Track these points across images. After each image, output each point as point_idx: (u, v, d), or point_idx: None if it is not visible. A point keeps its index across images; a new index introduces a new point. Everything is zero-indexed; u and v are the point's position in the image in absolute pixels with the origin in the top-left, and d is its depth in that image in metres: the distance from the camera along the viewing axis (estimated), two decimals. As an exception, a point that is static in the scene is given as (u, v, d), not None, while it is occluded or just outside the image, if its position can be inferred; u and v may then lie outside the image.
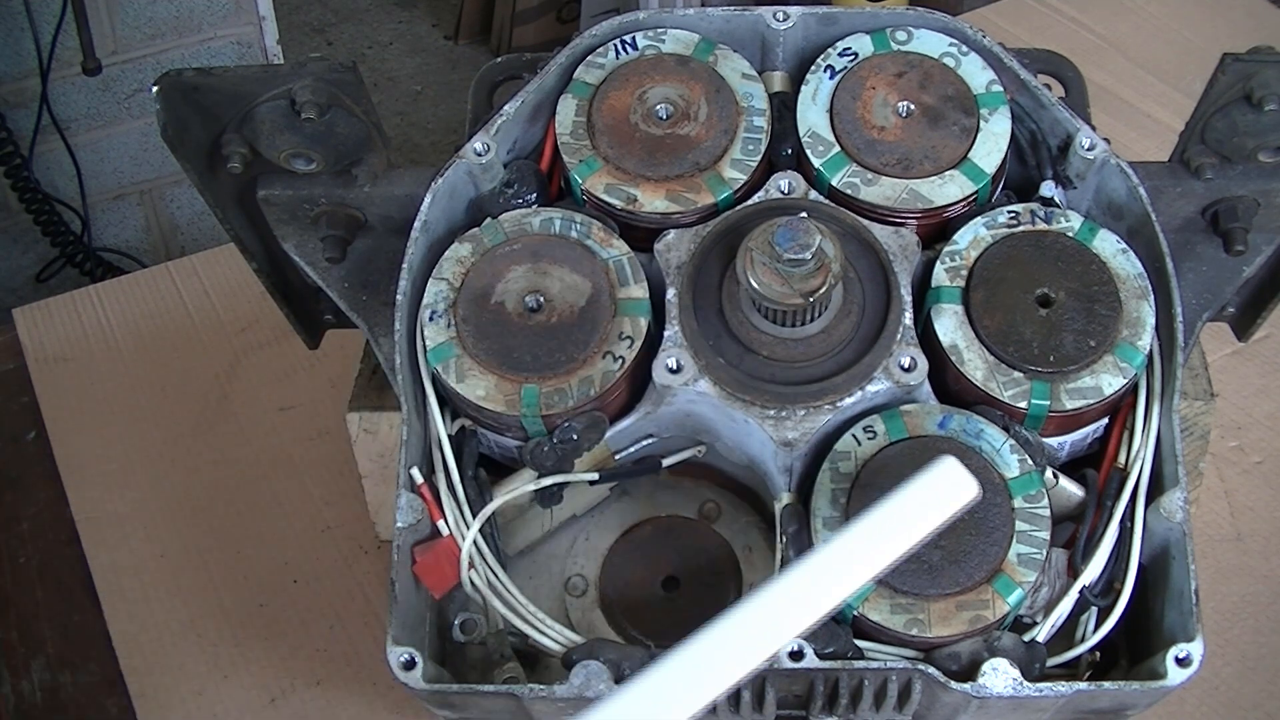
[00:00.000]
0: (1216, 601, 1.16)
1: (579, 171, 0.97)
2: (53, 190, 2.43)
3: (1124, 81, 1.71)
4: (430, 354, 0.93)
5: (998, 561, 0.86)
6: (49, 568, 1.25)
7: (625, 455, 0.98)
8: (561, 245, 0.95)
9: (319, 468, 1.29)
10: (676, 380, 0.92)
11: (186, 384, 1.39)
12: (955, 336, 0.92)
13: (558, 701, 0.85)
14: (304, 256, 1.03)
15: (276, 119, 0.97)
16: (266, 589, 1.20)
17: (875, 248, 0.95)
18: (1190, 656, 0.84)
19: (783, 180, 0.98)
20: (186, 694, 1.14)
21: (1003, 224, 0.95)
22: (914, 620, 0.85)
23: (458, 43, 3.43)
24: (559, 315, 0.93)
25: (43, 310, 1.47)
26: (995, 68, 1.00)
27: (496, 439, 0.96)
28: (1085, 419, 0.94)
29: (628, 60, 1.01)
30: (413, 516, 0.90)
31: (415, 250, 0.95)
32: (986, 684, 0.83)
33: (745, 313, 0.92)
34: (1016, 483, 0.88)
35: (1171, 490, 0.89)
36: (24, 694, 1.16)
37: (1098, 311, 0.92)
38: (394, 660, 0.86)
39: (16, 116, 2.31)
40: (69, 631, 1.20)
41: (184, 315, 1.46)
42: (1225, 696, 1.11)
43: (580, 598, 1.01)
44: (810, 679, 0.85)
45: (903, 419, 0.91)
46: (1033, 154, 1.01)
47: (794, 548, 0.89)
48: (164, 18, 2.38)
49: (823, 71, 1.00)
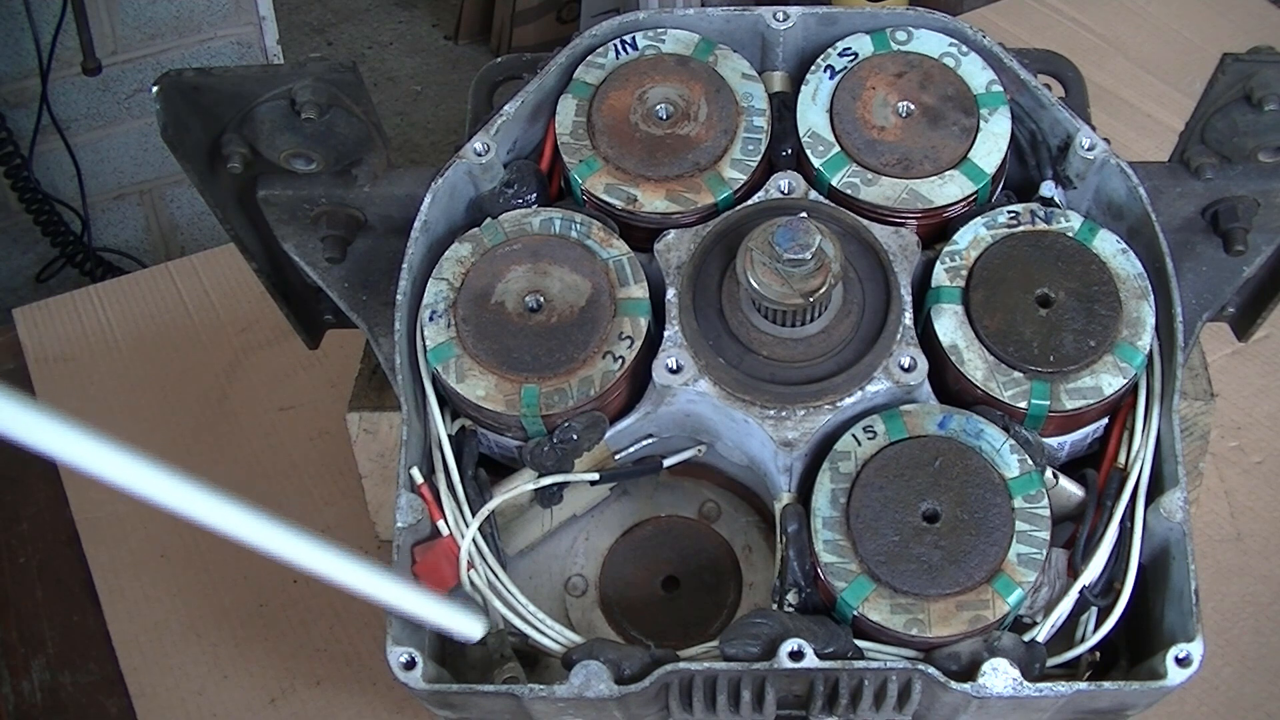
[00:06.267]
0: (1216, 601, 1.16)
1: (579, 171, 0.97)
2: (53, 190, 2.43)
3: (1124, 81, 1.71)
4: (430, 354, 0.93)
5: (998, 561, 0.86)
6: (49, 568, 1.25)
7: (625, 455, 0.98)
8: (561, 245, 0.95)
9: (319, 468, 1.29)
10: (676, 380, 0.92)
11: (186, 384, 1.39)
12: (955, 336, 0.92)
13: (558, 701, 0.85)
14: (304, 256, 1.03)
15: (276, 119, 0.97)
16: (266, 589, 1.20)
17: (875, 248, 0.95)
18: (1190, 656, 0.84)
19: (783, 180, 0.98)
20: (186, 694, 1.14)
21: (1003, 224, 0.95)
22: (914, 620, 0.85)
23: (458, 43, 3.43)
24: (559, 315, 0.93)
25: (43, 310, 1.47)
26: (995, 68, 1.00)
27: (496, 439, 0.96)
28: (1085, 419, 0.94)
29: (628, 60, 1.01)
30: (413, 516, 0.90)
31: (415, 250, 0.95)
32: (986, 684, 0.83)
33: (745, 313, 0.92)
34: (1016, 483, 0.88)
35: (1171, 490, 0.89)
36: (24, 694, 1.16)
37: (1098, 311, 0.92)
38: (394, 660, 0.86)
39: (16, 116, 2.31)
40: (69, 631, 1.20)
41: (184, 315, 1.46)
42: (1225, 696, 1.11)
43: (580, 598, 1.01)
44: (810, 679, 0.85)
45: (903, 419, 0.91)
46: (1033, 154, 1.01)
47: (794, 547, 0.89)
48: (164, 18, 2.38)
49: (823, 71, 1.00)
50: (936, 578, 0.86)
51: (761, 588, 1.00)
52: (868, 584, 0.86)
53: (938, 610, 0.86)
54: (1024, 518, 0.87)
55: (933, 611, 0.86)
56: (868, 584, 0.86)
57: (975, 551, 0.86)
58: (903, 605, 0.86)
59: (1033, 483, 0.88)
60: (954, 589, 0.86)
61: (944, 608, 0.86)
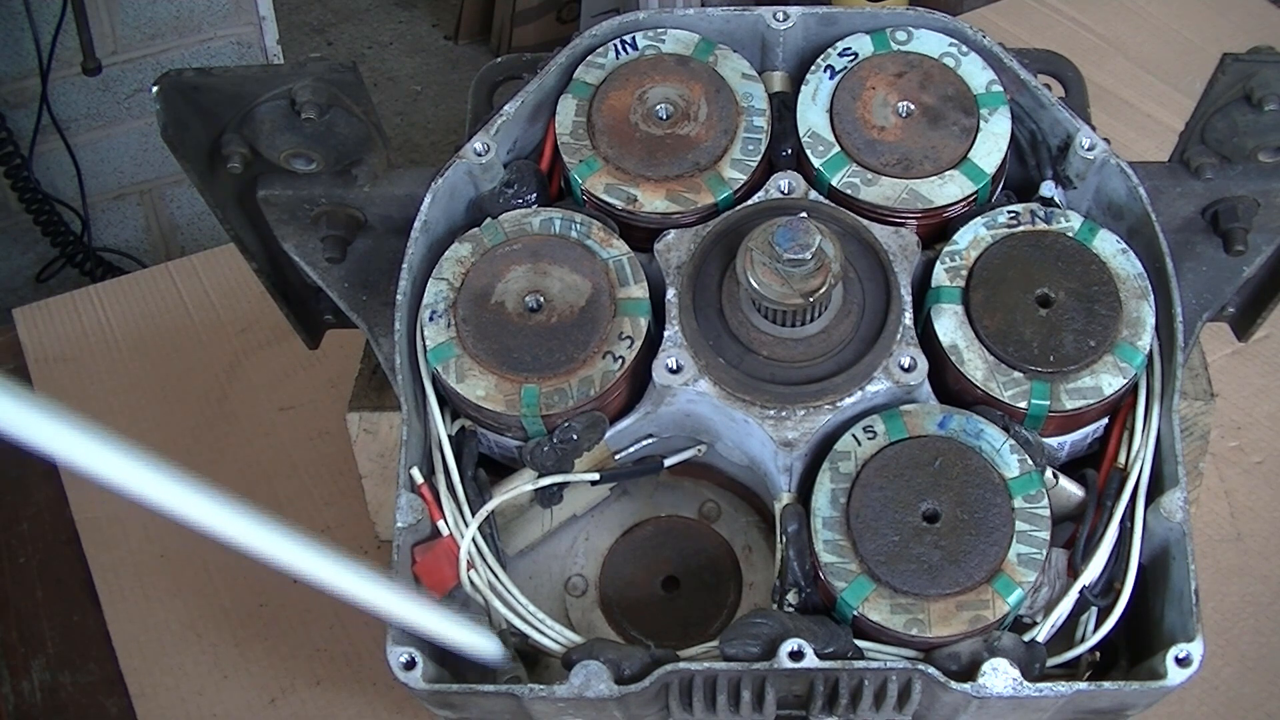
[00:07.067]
0: (1216, 601, 1.16)
1: (579, 171, 0.97)
2: (53, 190, 2.43)
3: (1124, 81, 1.71)
4: (430, 354, 0.93)
5: (998, 561, 0.86)
6: (49, 568, 1.25)
7: (625, 455, 0.98)
8: (561, 245, 0.95)
9: (319, 468, 1.29)
10: (676, 380, 0.92)
11: (186, 384, 1.39)
12: (955, 336, 0.92)
13: (558, 701, 0.85)
14: (304, 256, 1.03)
15: (276, 119, 0.97)
16: (266, 589, 1.20)
17: (875, 248, 0.95)
18: (1190, 656, 0.84)
19: (783, 180, 0.98)
20: (186, 694, 1.14)
21: (1003, 224, 0.95)
22: (914, 620, 0.85)
23: (458, 43, 3.43)
24: (559, 315, 0.93)
25: (43, 310, 1.47)
26: (995, 68, 1.00)
27: (496, 439, 0.96)
28: (1085, 419, 0.94)
29: (628, 60, 1.01)
30: (413, 516, 0.90)
31: (415, 250, 0.95)
32: (986, 684, 0.83)
33: (745, 313, 0.92)
34: (1016, 483, 0.88)
35: (1171, 490, 0.89)
36: (24, 694, 1.16)
37: (1098, 311, 0.92)
38: (394, 660, 0.86)
39: (16, 116, 2.31)
40: (69, 631, 1.20)
41: (184, 315, 1.46)
42: (1225, 696, 1.11)
43: (580, 598, 1.01)
44: (810, 679, 0.85)
45: (903, 419, 0.91)
46: (1033, 154, 1.01)
47: (794, 548, 0.89)
48: (164, 18, 2.38)
49: (823, 71, 1.00)
50: (936, 578, 0.86)
51: (761, 588, 1.00)
52: (868, 584, 0.86)
53: (938, 610, 0.86)
54: (1024, 518, 0.87)
55: (933, 611, 0.86)
56: (868, 584, 0.86)
57: (975, 551, 0.86)
58: (903, 605, 0.86)
59: (1033, 483, 0.88)
60: (954, 589, 0.86)
61: (944, 608, 0.86)
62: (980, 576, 0.86)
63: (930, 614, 0.85)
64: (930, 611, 0.86)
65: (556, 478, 0.95)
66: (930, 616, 0.85)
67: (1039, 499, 0.88)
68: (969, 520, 0.87)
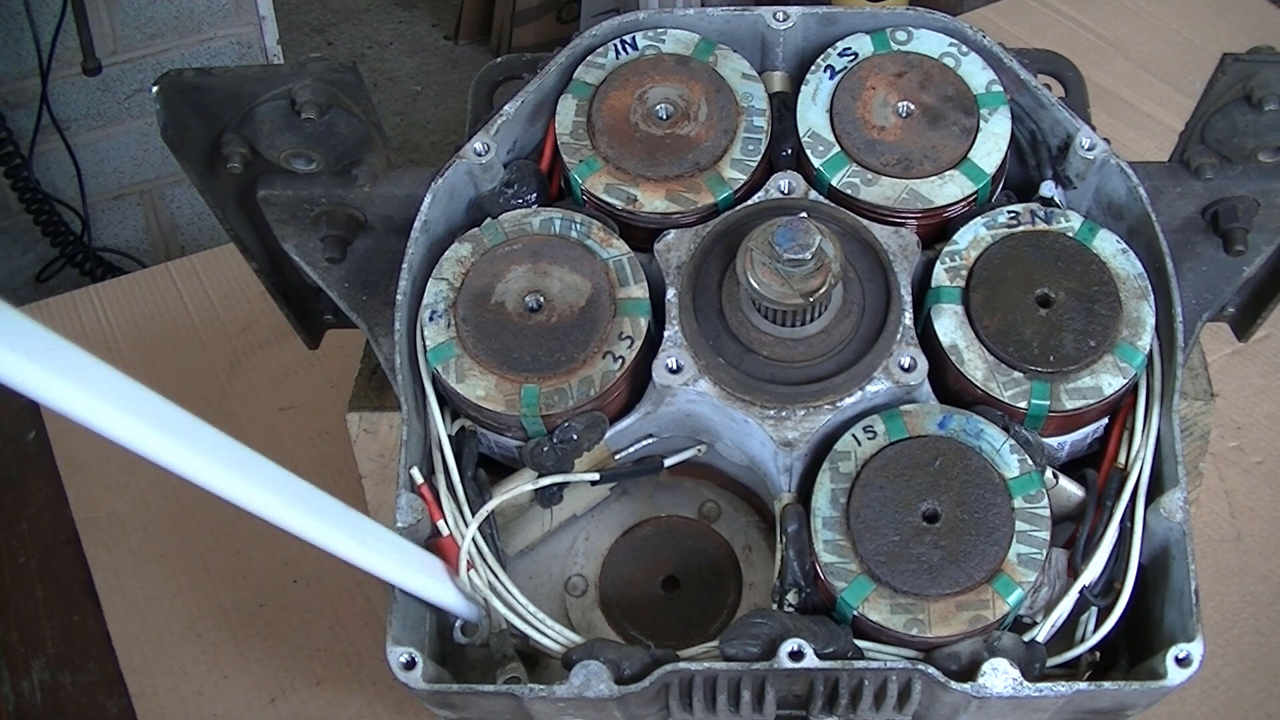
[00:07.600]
0: (1216, 601, 1.16)
1: (579, 171, 0.97)
2: (53, 190, 2.43)
3: (1124, 81, 1.71)
4: (430, 354, 0.93)
5: (998, 561, 0.86)
6: (49, 568, 1.25)
7: (625, 455, 0.98)
8: (561, 245, 0.95)
9: (319, 468, 1.29)
10: (676, 380, 0.92)
11: (186, 384, 1.39)
12: (955, 336, 0.92)
13: (558, 701, 0.85)
14: (304, 256, 1.03)
15: (276, 119, 0.97)
16: (266, 589, 1.20)
17: (875, 248, 0.95)
18: (1190, 656, 0.84)
19: (783, 180, 0.98)
20: (186, 694, 1.14)
21: (1003, 224, 0.95)
22: (914, 620, 0.85)
23: (458, 43, 3.43)
24: (559, 315, 0.93)
25: (43, 310, 1.47)
26: (995, 68, 1.00)
27: (496, 439, 0.96)
28: (1085, 419, 0.94)
29: (628, 60, 1.01)
30: (413, 516, 0.90)
31: (415, 250, 0.95)
32: (986, 684, 0.83)
33: (745, 313, 0.92)
34: (1016, 483, 0.88)
35: (1171, 490, 0.89)
36: (24, 694, 1.16)
37: (1098, 311, 0.92)
38: (394, 660, 0.86)
39: (16, 116, 2.31)
40: (69, 631, 1.20)
41: (184, 315, 1.46)
42: (1225, 696, 1.11)
43: (580, 598, 1.01)
44: (810, 679, 0.85)
45: (903, 419, 0.91)
46: (1033, 154, 1.01)
47: (794, 547, 0.89)
48: (164, 18, 2.38)
49: (823, 71, 1.00)
50: (936, 578, 0.86)
51: (761, 588, 1.00)
52: (868, 584, 0.86)
53: (938, 610, 0.86)
54: (1024, 518, 0.87)
55: (933, 611, 0.86)
56: (868, 584, 0.86)
57: (975, 551, 0.86)
58: (903, 605, 0.86)
59: (1033, 483, 0.88)
60: (954, 589, 0.86)
61: (944, 608, 0.86)
62: (980, 576, 0.86)
63: (930, 614, 0.85)
64: (930, 611, 0.86)
65: (556, 478, 0.95)
66: (930, 616, 0.85)
67: (1039, 499, 0.88)
68: (969, 520, 0.87)
